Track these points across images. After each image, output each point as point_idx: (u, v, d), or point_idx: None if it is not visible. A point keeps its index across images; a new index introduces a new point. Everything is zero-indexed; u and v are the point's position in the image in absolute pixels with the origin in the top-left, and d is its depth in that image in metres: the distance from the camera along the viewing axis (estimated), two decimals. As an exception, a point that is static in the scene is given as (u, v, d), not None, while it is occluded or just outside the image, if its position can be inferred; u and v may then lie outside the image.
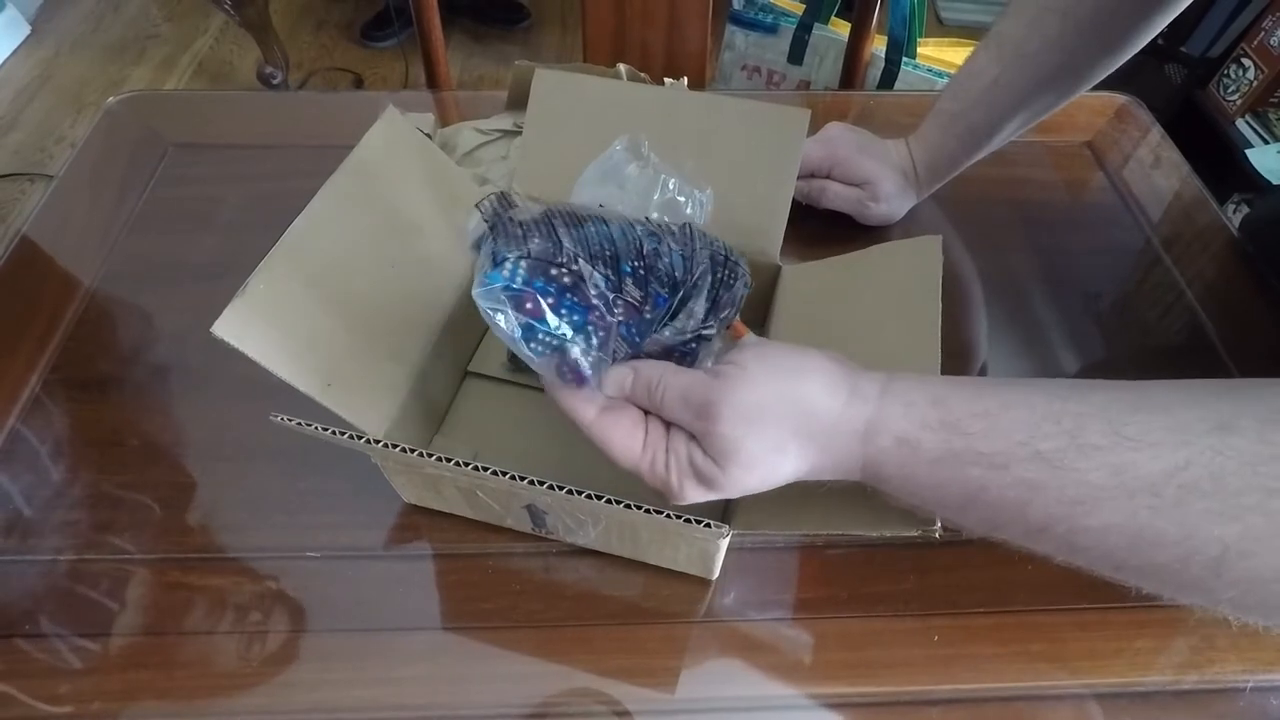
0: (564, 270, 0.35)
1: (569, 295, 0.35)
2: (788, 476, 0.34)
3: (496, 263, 0.35)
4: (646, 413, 0.36)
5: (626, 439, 0.35)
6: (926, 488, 0.32)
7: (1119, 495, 0.27)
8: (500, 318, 0.34)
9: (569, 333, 0.35)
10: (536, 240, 0.35)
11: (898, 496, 0.33)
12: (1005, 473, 0.29)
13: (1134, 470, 0.27)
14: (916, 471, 0.31)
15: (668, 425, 0.35)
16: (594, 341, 0.35)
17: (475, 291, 0.34)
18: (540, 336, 0.35)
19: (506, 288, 0.34)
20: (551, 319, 0.35)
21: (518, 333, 0.34)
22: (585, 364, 0.35)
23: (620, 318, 0.36)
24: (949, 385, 0.32)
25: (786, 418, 0.33)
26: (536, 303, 0.34)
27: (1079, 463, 0.28)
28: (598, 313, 0.35)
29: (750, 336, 0.41)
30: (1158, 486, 0.26)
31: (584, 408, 0.35)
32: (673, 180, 0.47)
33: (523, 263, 0.35)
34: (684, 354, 0.39)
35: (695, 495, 0.35)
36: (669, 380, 0.34)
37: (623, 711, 0.43)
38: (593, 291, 0.35)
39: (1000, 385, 0.32)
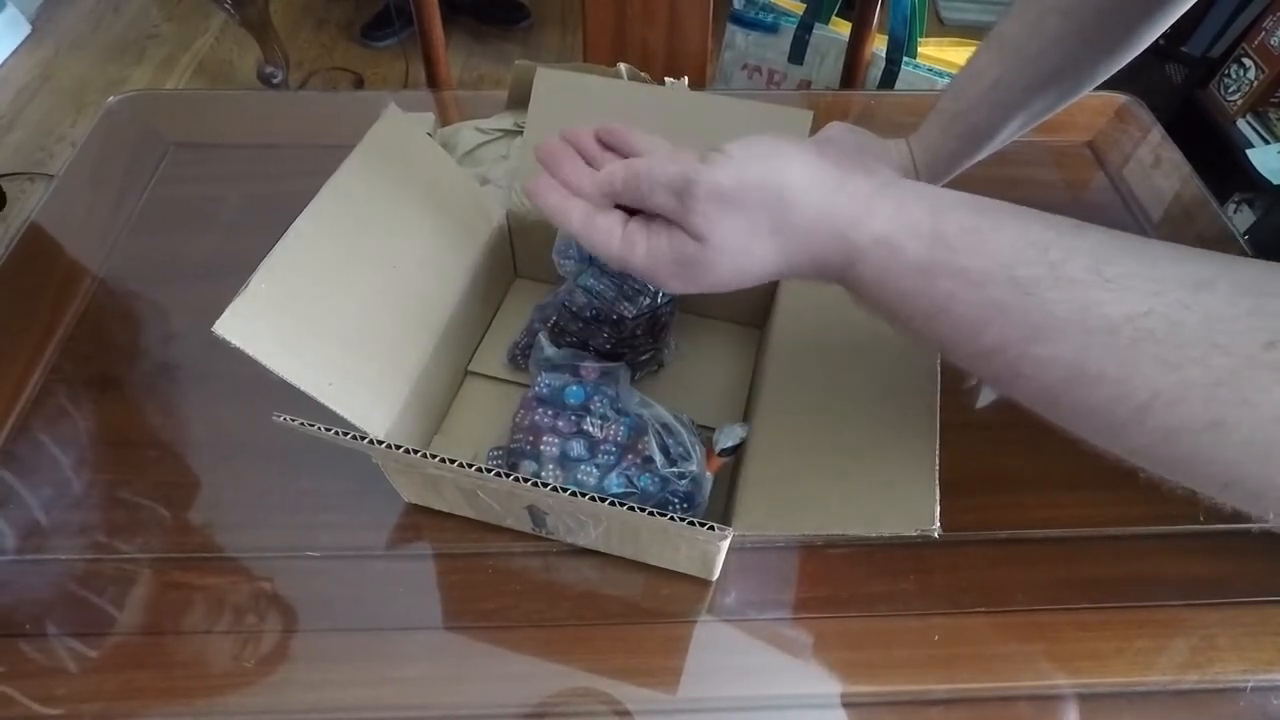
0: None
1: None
2: (764, 268, 0.34)
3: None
4: (632, 213, 0.36)
5: (605, 234, 0.35)
6: (897, 295, 0.32)
7: (1076, 330, 0.28)
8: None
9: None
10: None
11: (866, 300, 0.33)
12: (977, 291, 0.29)
13: (1099, 309, 0.27)
14: (890, 276, 0.31)
15: (650, 220, 0.36)
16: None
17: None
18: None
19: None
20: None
21: None
22: None
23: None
24: (951, 199, 0.32)
25: (763, 206, 0.32)
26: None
27: (1049, 293, 0.28)
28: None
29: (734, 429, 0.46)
30: (1115, 327, 0.27)
31: (568, 213, 0.36)
32: None
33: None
34: (676, 493, 0.46)
35: (674, 281, 0.35)
36: (655, 169, 0.34)
37: (623, 711, 0.43)
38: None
39: (1001, 209, 0.31)
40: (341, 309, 0.45)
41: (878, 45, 1.15)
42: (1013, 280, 0.29)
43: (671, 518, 0.37)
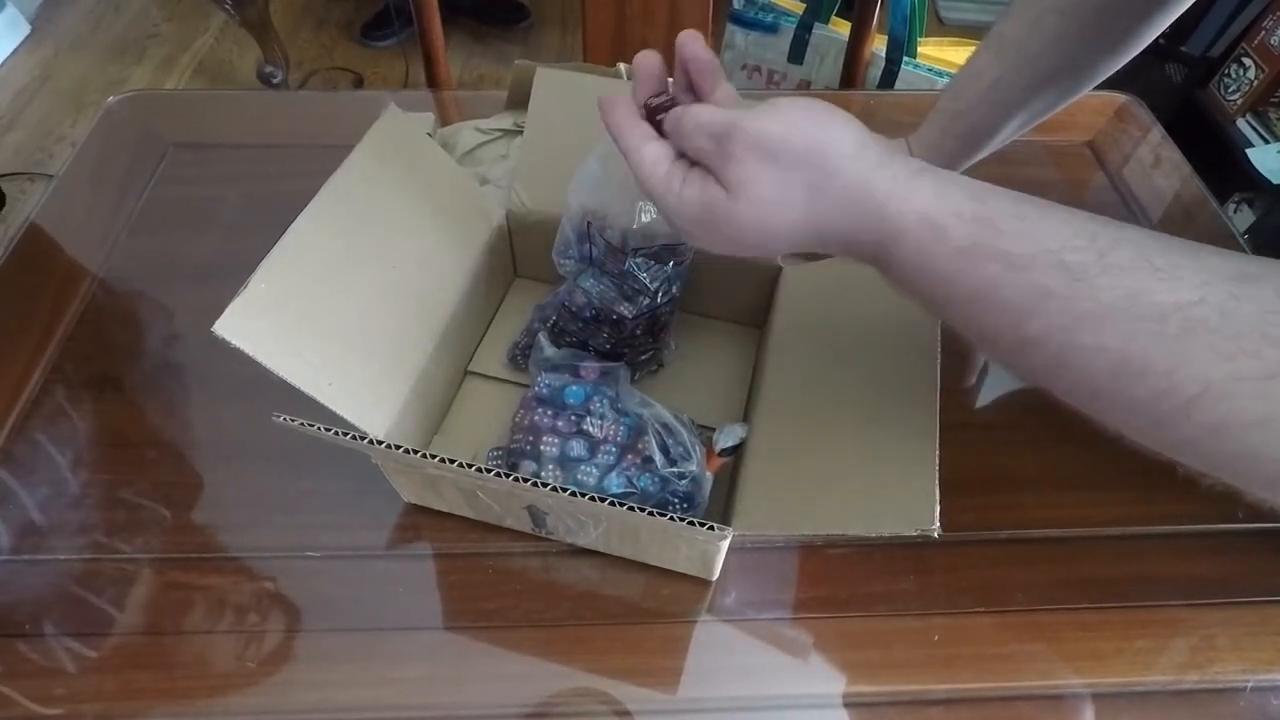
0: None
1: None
2: (790, 232, 0.32)
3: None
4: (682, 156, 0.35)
5: (651, 165, 0.34)
6: (938, 278, 0.30)
7: (1125, 318, 0.27)
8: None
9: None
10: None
11: (902, 283, 0.32)
12: (1022, 275, 0.28)
13: (1148, 297, 0.26)
14: (934, 258, 0.30)
15: (691, 166, 0.34)
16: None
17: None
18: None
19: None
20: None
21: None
22: None
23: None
24: (990, 188, 0.31)
25: (803, 165, 0.31)
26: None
27: (1099, 279, 0.27)
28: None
29: (730, 427, 0.47)
30: (1166, 315, 0.26)
31: (630, 131, 0.35)
32: (648, 211, 0.48)
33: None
34: (676, 493, 0.46)
35: (698, 232, 0.33)
36: (703, 113, 0.32)
37: (623, 711, 0.43)
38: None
39: (1041, 201, 0.30)
40: (341, 309, 0.45)
41: (877, 45, 1.15)
42: (1061, 265, 0.28)
43: (671, 518, 0.37)
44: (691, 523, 0.37)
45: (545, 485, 0.38)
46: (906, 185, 0.31)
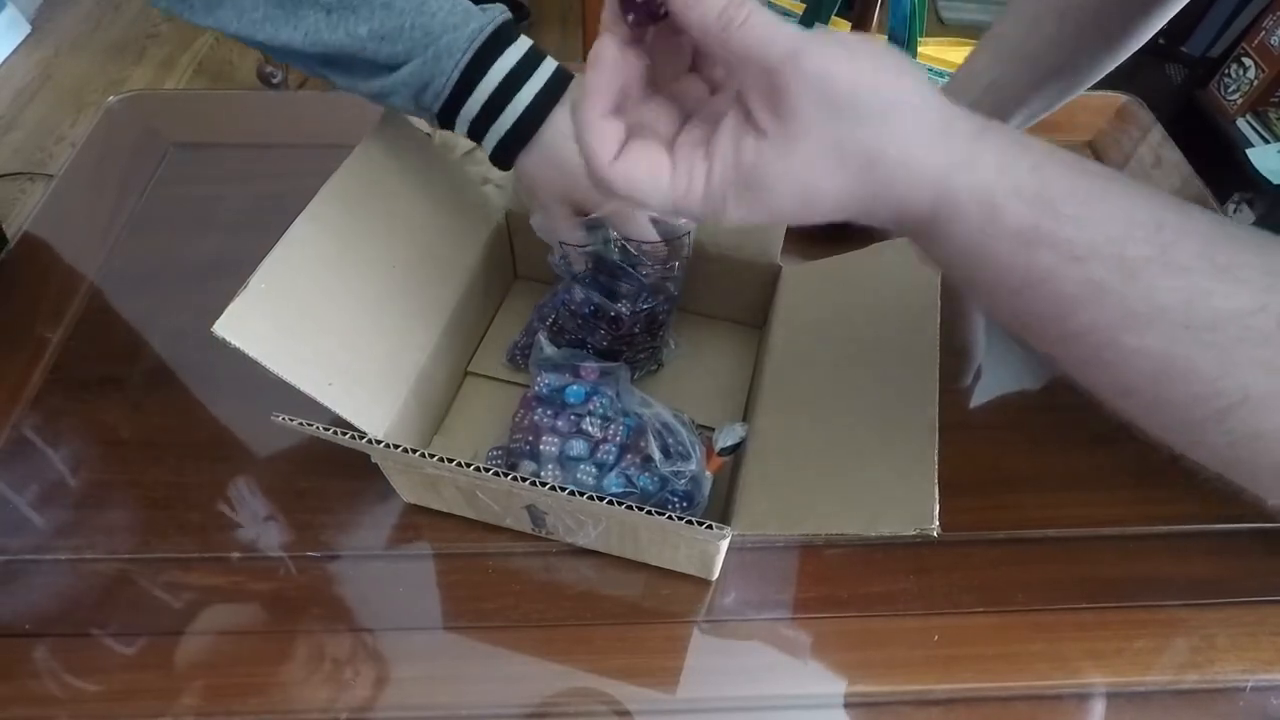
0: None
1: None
2: (839, 202, 0.28)
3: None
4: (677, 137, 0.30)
5: (652, 170, 0.28)
6: (988, 263, 0.28)
7: (1177, 322, 0.25)
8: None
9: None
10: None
11: (945, 261, 0.29)
12: (1078, 267, 0.26)
13: (1206, 301, 0.25)
14: (987, 241, 0.27)
15: (704, 136, 0.29)
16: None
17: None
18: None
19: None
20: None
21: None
22: None
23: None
24: (1050, 154, 0.27)
25: (870, 121, 0.26)
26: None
27: (1158, 279, 0.25)
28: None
29: (736, 425, 0.46)
30: (1220, 323, 0.24)
31: (601, 146, 0.28)
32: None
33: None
34: (676, 492, 0.46)
35: (735, 208, 0.28)
36: (760, 23, 0.26)
37: (623, 711, 0.43)
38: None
39: (1102, 172, 0.27)
40: (341, 309, 0.45)
41: (878, 45, 1.15)
42: (1120, 259, 0.25)
43: (670, 517, 0.37)
44: (691, 522, 0.37)
45: (545, 485, 0.38)
46: (968, 150, 0.27)
